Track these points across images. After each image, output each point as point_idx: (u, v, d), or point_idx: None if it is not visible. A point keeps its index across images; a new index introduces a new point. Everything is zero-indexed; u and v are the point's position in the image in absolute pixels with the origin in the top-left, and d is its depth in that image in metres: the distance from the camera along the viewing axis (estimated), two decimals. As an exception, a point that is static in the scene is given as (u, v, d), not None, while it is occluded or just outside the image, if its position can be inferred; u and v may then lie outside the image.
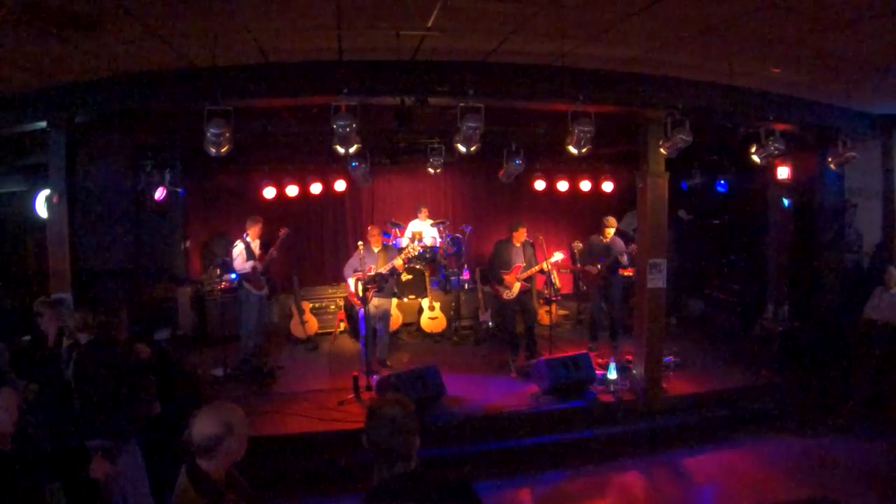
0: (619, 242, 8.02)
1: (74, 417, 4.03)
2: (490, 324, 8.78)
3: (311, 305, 8.99)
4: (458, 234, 9.43)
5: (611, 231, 7.98)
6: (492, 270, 7.59)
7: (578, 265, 8.14)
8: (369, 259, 7.09)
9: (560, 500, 5.16)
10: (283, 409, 6.07)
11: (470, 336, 8.88)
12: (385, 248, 7.49)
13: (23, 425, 2.97)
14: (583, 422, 6.06)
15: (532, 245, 7.53)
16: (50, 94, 5.44)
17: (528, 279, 7.51)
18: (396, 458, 2.09)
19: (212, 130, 4.87)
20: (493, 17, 4.21)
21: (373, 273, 6.96)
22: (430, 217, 9.34)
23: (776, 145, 6.10)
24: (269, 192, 9.17)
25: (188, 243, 9.27)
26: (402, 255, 7.22)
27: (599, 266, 7.90)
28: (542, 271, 7.42)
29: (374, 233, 7.40)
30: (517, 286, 7.33)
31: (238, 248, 7.20)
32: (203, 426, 2.19)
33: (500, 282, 7.38)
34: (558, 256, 7.44)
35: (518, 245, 7.44)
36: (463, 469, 5.29)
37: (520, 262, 7.37)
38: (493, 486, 5.16)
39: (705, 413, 6.33)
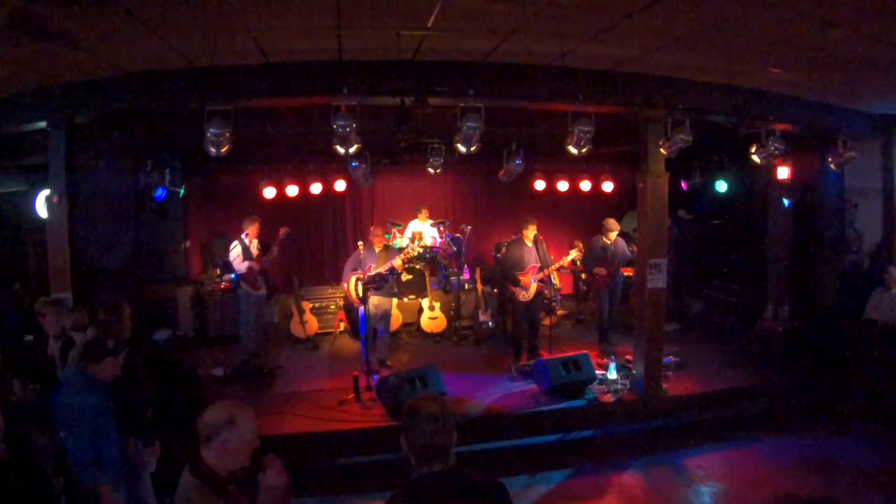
0: (623, 244, 8.04)
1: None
2: (490, 324, 8.78)
3: (311, 305, 8.99)
4: (458, 234, 9.42)
5: (613, 234, 7.99)
6: (504, 272, 7.45)
7: (580, 266, 8.13)
8: (370, 259, 7.09)
9: (560, 500, 5.16)
10: (283, 409, 6.07)
11: (470, 336, 8.88)
12: (386, 248, 7.49)
13: (20, 432, 2.96)
14: (583, 422, 6.06)
15: (543, 242, 7.42)
16: (50, 94, 5.44)
17: (543, 279, 7.29)
18: (436, 456, 2.11)
19: (212, 130, 4.88)
20: (493, 17, 4.22)
21: (373, 273, 6.96)
22: (430, 217, 9.35)
23: (776, 145, 6.10)
24: (269, 192, 9.16)
25: (188, 243, 9.28)
26: (402, 256, 7.21)
27: (610, 269, 7.89)
28: (560, 269, 7.38)
29: (376, 233, 7.41)
30: (534, 287, 7.18)
31: (236, 250, 7.20)
32: (209, 414, 2.25)
33: (516, 283, 7.18)
34: (574, 254, 7.40)
35: (529, 244, 7.28)
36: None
37: (533, 261, 7.22)
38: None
39: (705, 413, 6.33)
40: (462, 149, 5.53)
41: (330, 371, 7.44)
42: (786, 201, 8.41)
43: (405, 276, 8.56)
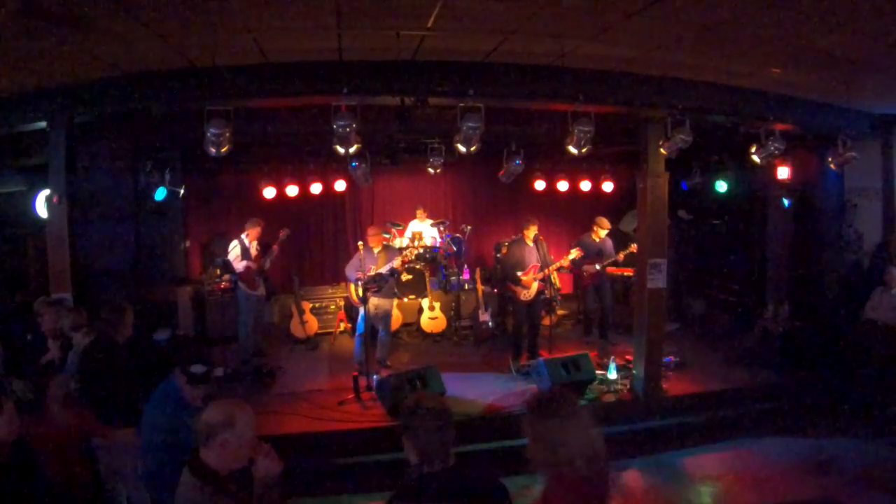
0: (610, 243, 8.09)
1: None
2: (490, 324, 8.78)
3: (311, 305, 8.99)
4: (458, 234, 9.43)
5: (603, 231, 8.02)
6: (506, 271, 7.44)
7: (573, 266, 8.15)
8: (369, 260, 7.09)
9: (560, 500, 5.16)
10: (283, 409, 6.07)
11: (470, 336, 8.88)
12: (385, 248, 7.48)
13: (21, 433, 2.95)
14: (583, 422, 6.05)
15: (543, 242, 7.42)
16: (50, 94, 5.44)
17: (544, 279, 7.27)
18: (438, 454, 2.11)
19: (212, 130, 4.88)
20: (493, 17, 4.21)
21: (372, 273, 6.96)
22: (428, 217, 9.35)
23: (776, 145, 6.10)
24: (269, 192, 9.17)
25: (188, 243, 9.27)
26: (401, 257, 7.20)
27: (598, 266, 7.95)
28: (560, 269, 7.39)
29: (372, 233, 7.37)
30: (535, 286, 7.17)
31: (235, 250, 7.20)
32: (208, 413, 2.26)
33: (517, 282, 7.16)
34: (574, 254, 7.40)
35: (530, 244, 7.27)
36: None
37: (534, 260, 7.21)
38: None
39: (705, 413, 6.33)
40: (462, 149, 5.53)
41: (330, 371, 7.44)
42: (786, 201, 8.42)
43: (405, 276, 8.56)
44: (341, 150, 5.36)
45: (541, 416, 2.13)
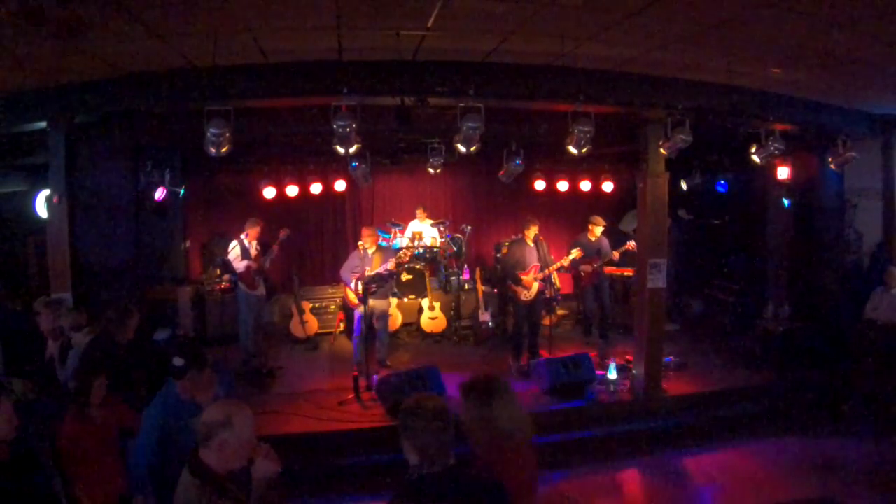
0: (606, 242, 8.09)
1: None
2: (490, 324, 8.78)
3: (311, 305, 8.98)
4: (458, 234, 9.43)
5: (598, 230, 8.02)
6: (506, 271, 7.44)
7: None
8: (365, 260, 7.08)
9: (560, 500, 5.16)
10: (283, 409, 6.06)
11: (470, 336, 8.88)
12: (380, 248, 7.46)
13: (22, 431, 2.95)
14: (583, 422, 6.06)
15: (543, 243, 7.41)
16: (50, 94, 5.44)
17: (544, 279, 7.24)
18: (439, 455, 2.11)
19: (212, 130, 4.88)
20: (493, 17, 4.22)
21: (371, 274, 6.94)
22: (428, 217, 9.35)
23: (776, 145, 6.10)
24: (269, 192, 9.17)
25: (188, 243, 9.28)
26: (395, 259, 7.16)
27: (595, 266, 7.95)
28: (560, 269, 7.39)
29: (367, 234, 7.32)
30: (535, 286, 7.15)
31: (235, 250, 7.19)
32: (208, 413, 2.27)
33: (518, 282, 7.14)
34: (574, 254, 7.39)
35: (531, 244, 7.25)
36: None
37: (535, 261, 7.19)
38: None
39: (705, 413, 6.33)
40: (462, 149, 5.53)
41: (330, 371, 7.44)
42: (786, 201, 8.42)
43: (405, 276, 8.56)
44: (341, 150, 5.37)
45: (477, 401, 2.38)
